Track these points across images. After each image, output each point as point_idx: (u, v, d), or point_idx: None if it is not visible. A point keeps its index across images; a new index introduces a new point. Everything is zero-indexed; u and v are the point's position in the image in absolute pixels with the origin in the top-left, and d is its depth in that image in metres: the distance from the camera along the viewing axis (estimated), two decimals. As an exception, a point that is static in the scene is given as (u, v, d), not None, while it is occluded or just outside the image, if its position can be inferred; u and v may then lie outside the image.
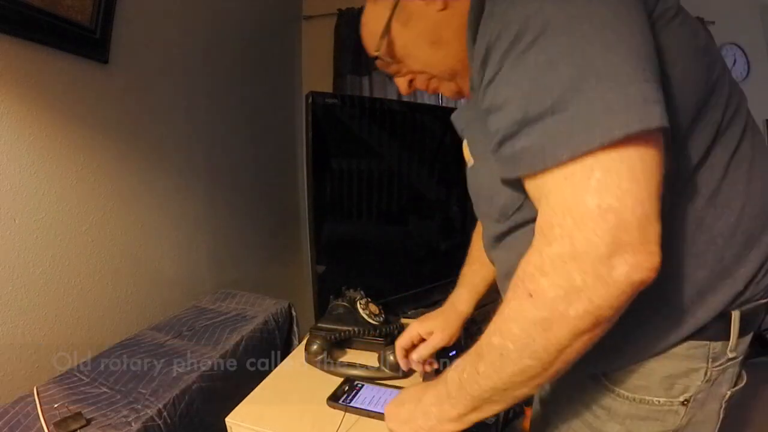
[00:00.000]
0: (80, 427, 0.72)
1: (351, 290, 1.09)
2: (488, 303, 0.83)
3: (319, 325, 0.99)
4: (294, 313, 1.33)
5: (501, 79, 0.42)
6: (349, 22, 2.06)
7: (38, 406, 0.77)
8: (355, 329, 0.96)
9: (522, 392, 0.45)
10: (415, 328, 0.84)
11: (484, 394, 0.46)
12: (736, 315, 0.50)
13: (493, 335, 0.44)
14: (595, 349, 0.44)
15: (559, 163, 0.38)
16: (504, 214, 0.54)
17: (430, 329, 0.84)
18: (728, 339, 0.50)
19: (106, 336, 1.14)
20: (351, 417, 0.74)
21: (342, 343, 0.96)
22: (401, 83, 0.68)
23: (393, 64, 0.65)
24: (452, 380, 0.50)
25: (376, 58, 0.64)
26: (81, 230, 1.08)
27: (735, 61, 1.99)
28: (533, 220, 0.50)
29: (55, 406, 0.77)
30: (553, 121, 0.38)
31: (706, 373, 0.51)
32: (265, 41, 1.89)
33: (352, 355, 0.95)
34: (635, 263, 0.36)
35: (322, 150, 1.68)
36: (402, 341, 0.84)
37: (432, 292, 1.77)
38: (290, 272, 2.16)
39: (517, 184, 0.46)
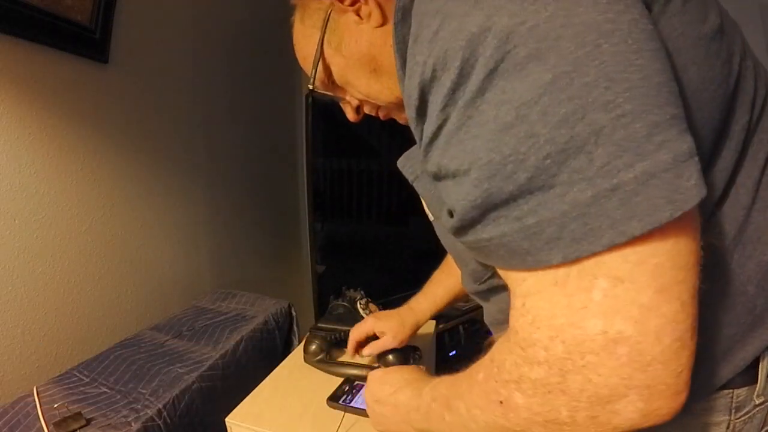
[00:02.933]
0: (80, 427, 0.72)
1: (351, 290, 1.09)
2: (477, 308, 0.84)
3: (319, 325, 0.99)
4: (294, 313, 1.33)
5: (446, 137, 0.30)
6: (349, 22, 2.06)
7: (38, 406, 0.77)
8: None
9: None
10: (370, 324, 0.87)
11: None
12: (765, 356, 0.39)
13: (461, 400, 0.37)
14: None
15: (547, 266, 0.27)
16: (477, 279, 0.48)
17: (383, 330, 0.86)
18: (755, 383, 0.39)
19: (106, 336, 1.14)
20: (351, 417, 0.74)
21: (341, 343, 0.96)
22: (347, 110, 0.59)
23: (333, 91, 0.57)
24: (424, 401, 0.45)
25: (313, 90, 0.55)
26: (81, 230, 1.08)
27: (735, 61, 1.99)
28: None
29: (55, 406, 0.77)
30: (532, 205, 0.26)
31: (728, 426, 0.40)
32: (264, 41, 1.89)
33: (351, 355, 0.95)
34: (650, 411, 0.26)
35: (322, 150, 1.69)
36: (356, 333, 0.87)
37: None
38: (290, 272, 2.16)
39: None
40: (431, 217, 0.52)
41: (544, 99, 0.25)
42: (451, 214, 0.33)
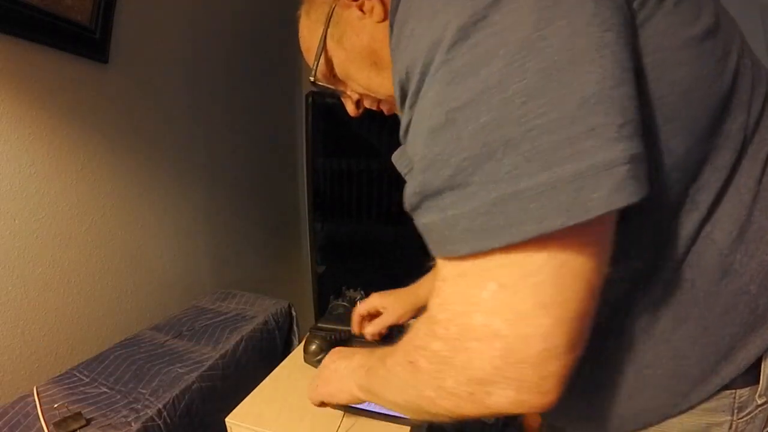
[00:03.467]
0: (80, 427, 0.72)
1: (351, 290, 1.09)
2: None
3: (319, 325, 0.99)
4: (294, 313, 1.33)
5: (410, 131, 0.33)
6: (349, 22, 2.06)
7: (38, 406, 0.77)
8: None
9: (411, 414, 0.42)
10: (374, 300, 0.91)
11: (379, 394, 0.46)
12: (767, 359, 0.40)
13: (391, 357, 0.42)
14: (607, 417, 0.42)
15: (456, 256, 0.30)
16: None
17: (385, 305, 0.89)
18: (757, 383, 0.40)
19: (106, 336, 1.14)
20: (351, 417, 0.74)
21: (341, 342, 0.96)
22: (348, 104, 0.60)
23: (335, 85, 0.58)
24: (372, 359, 0.50)
25: (314, 82, 0.57)
26: (81, 230, 1.08)
27: (735, 60, 1.99)
28: None
29: (55, 406, 0.77)
30: (452, 199, 0.29)
31: (731, 426, 0.41)
32: (265, 41, 1.89)
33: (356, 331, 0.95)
34: (517, 401, 0.29)
35: (322, 150, 1.69)
36: (361, 309, 0.91)
37: (432, 292, 1.76)
38: (290, 272, 2.16)
39: None
40: None
41: (470, 108, 0.28)
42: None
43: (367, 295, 1.05)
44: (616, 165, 0.25)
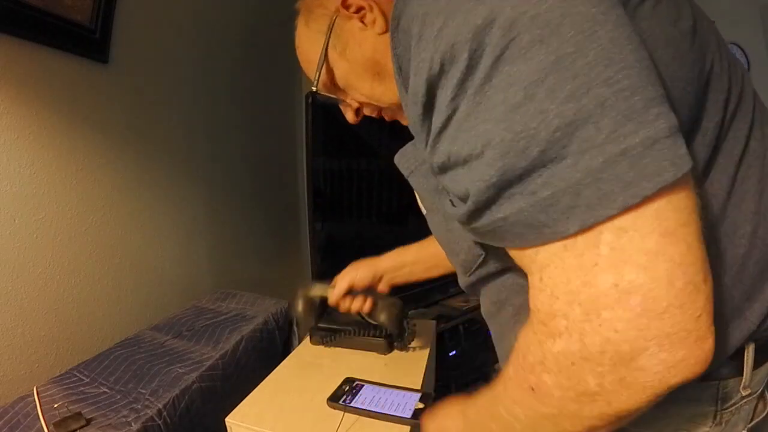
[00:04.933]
0: (80, 427, 0.72)
1: (351, 290, 1.09)
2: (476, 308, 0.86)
3: (319, 325, 0.99)
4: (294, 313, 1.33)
5: (457, 125, 0.31)
6: (349, 22, 2.06)
7: (38, 406, 0.77)
8: (355, 329, 0.96)
9: None
10: (341, 282, 0.90)
11: None
12: (750, 349, 0.40)
13: (500, 403, 0.37)
14: None
15: (563, 236, 0.28)
16: (467, 269, 0.48)
17: (348, 274, 0.90)
18: (741, 375, 0.40)
19: (106, 336, 1.14)
20: (351, 417, 0.74)
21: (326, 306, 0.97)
22: (347, 112, 0.61)
23: (336, 94, 0.58)
24: (470, 420, 0.45)
25: (316, 92, 0.57)
26: (81, 230, 1.08)
27: (735, 61, 1.99)
28: (499, 272, 0.45)
29: (55, 406, 0.77)
30: (546, 177, 0.28)
31: (715, 417, 0.41)
32: (265, 41, 1.89)
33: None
34: (675, 361, 0.26)
35: (322, 150, 1.68)
36: (342, 283, 0.90)
37: (432, 292, 1.77)
38: (290, 272, 2.16)
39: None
40: (424, 211, 0.53)
41: (550, 78, 0.27)
42: (462, 201, 0.34)
43: (367, 294, 1.05)
44: (679, 129, 0.27)
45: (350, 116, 0.61)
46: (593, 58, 0.26)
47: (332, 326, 0.98)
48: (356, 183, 1.73)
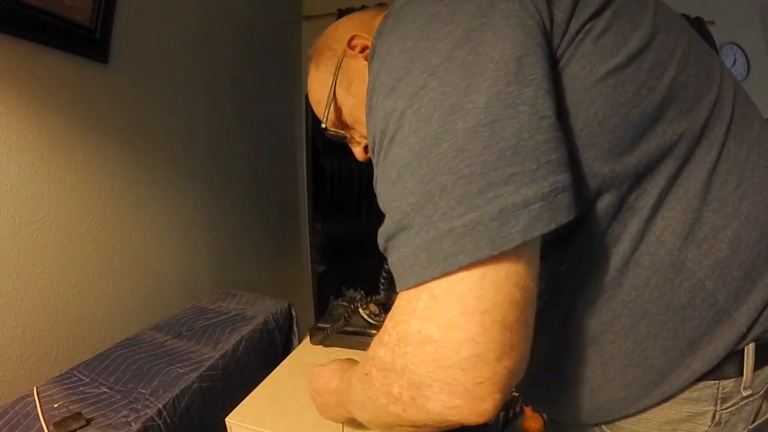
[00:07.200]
0: (80, 427, 0.72)
1: (351, 290, 1.09)
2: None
3: (319, 325, 0.99)
4: (294, 313, 1.33)
5: (377, 185, 0.39)
6: (349, 22, 2.06)
7: (38, 406, 0.77)
8: (356, 329, 0.96)
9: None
10: None
11: (356, 416, 0.46)
12: (750, 348, 0.41)
13: (353, 375, 0.44)
14: (587, 407, 0.44)
15: (406, 287, 0.35)
16: None
17: None
18: (742, 375, 0.41)
19: (106, 336, 1.14)
20: (351, 417, 0.74)
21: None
22: (356, 150, 0.65)
23: (344, 131, 0.63)
24: (343, 384, 0.51)
25: (325, 129, 0.62)
26: (81, 230, 1.08)
27: (735, 61, 1.99)
28: None
29: (55, 406, 0.77)
30: (402, 240, 0.34)
31: (714, 417, 0.42)
32: (265, 41, 1.89)
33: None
34: (452, 405, 0.32)
35: (322, 150, 1.68)
36: None
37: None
38: (290, 272, 2.16)
39: None
40: None
41: (414, 163, 0.33)
42: None
43: (366, 294, 1.05)
44: (530, 204, 0.31)
45: (359, 153, 0.65)
46: (445, 149, 0.32)
47: (332, 326, 0.97)
48: (356, 183, 1.73)
